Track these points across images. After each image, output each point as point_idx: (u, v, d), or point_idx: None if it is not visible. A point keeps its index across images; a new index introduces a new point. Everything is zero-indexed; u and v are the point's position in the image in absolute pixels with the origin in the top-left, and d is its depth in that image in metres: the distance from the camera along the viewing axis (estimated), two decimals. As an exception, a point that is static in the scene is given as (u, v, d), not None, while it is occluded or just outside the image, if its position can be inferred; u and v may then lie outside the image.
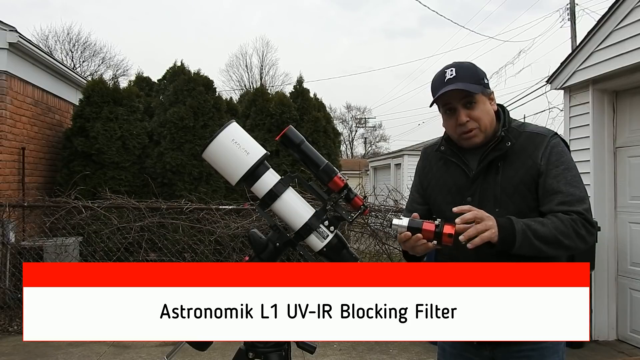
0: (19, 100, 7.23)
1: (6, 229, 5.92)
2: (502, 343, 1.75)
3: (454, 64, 1.82)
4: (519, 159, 1.78)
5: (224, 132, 1.73)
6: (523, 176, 1.76)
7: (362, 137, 45.22)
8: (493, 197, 1.79)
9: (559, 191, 1.71)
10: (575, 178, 1.74)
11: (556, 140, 1.78)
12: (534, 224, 1.66)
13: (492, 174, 1.80)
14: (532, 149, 1.76)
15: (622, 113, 5.31)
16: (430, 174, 1.97)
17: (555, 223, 1.66)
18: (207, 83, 8.27)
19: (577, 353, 4.86)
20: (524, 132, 1.81)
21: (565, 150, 1.78)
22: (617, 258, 5.27)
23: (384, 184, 10.86)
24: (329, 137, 8.50)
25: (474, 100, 1.77)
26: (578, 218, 1.68)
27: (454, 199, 1.83)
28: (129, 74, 29.46)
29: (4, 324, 5.55)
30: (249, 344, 1.78)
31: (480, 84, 1.78)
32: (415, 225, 1.66)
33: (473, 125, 1.79)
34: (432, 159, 1.98)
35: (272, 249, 1.79)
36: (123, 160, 7.70)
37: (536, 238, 1.64)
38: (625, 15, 4.75)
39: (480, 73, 1.81)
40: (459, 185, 1.86)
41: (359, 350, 4.97)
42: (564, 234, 1.66)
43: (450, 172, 1.90)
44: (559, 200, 1.71)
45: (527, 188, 1.75)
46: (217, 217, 6.17)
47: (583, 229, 1.68)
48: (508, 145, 1.77)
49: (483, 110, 1.79)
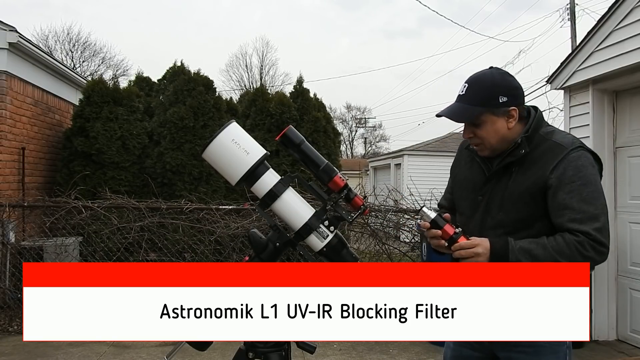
0: (19, 100, 7.23)
1: (6, 229, 5.92)
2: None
3: (472, 78, 1.79)
4: (533, 167, 1.75)
5: (224, 132, 1.73)
6: (530, 185, 1.74)
7: (362, 137, 45.20)
8: (500, 200, 1.79)
9: (570, 207, 1.68)
10: (592, 194, 1.68)
11: (577, 153, 1.71)
12: (534, 247, 1.66)
13: (505, 177, 1.80)
14: (547, 160, 1.73)
15: (622, 113, 5.31)
16: (458, 168, 2.02)
17: (560, 246, 1.65)
18: (207, 83, 8.26)
19: (577, 353, 4.86)
20: (548, 141, 1.77)
21: (585, 164, 1.71)
22: (617, 258, 5.27)
23: (384, 184, 10.85)
24: (329, 137, 8.50)
25: (478, 121, 1.76)
26: (585, 239, 1.64)
27: (468, 196, 1.89)
28: (129, 74, 29.45)
29: (4, 324, 5.55)
30: (249, 344, 1.78)
31: (488, 105, 1.74)
32: (438, 222, 1.73)
33: (476, 142, 1.81)
34: (464, 154, 1.99)
35: (272, 249, 1.79)
36: (123, 160, 7.70)
37: (532, 259, 1.65)
38: (625, 15, 4.75)
39: (499, 90, 1.74)
40: (475, 183, 1.88)
41: (359, 350, 4.97)
42: (565, 256, 1.64)
43: (473, 169, 1.92)
44: (569, 217, 1.68)
45: (532, 197, 1.73)
46: (217, 217, 6.17)
47: (591, 250, 1.65)
48: (522, 152, 1.75)
49: (489, 130, 1.76)
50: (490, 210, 1.79)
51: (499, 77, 1.78)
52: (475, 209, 1.86)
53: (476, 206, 1.86)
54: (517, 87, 1.80)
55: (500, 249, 1.68)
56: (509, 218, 1.76)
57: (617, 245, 5.27)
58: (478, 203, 1.84)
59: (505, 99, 1.75)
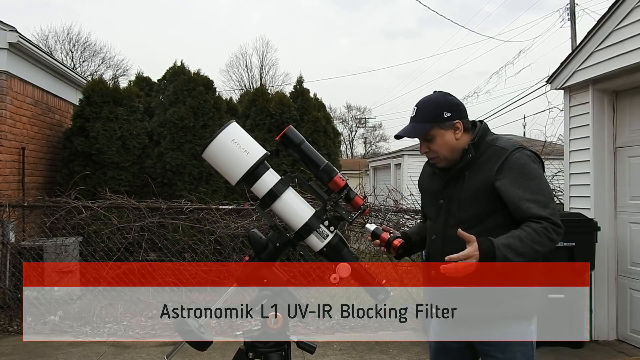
0: (19, 100, 7.23)
1: (6, 229, 5.92)
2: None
3: (419, 102, 2.11)
4: (482, 170, 2.01)
5: (224, 132, 1.73)
6: (481, 185, 1.99)
7: (362, 137, 45.19)
8: (457, 201, 2.05)
9: (525, 199, 1.93)
10: (539, 185, 1.96)
11: (519, 154, 1.99)
12: (513, 241, 1.87)
13: (460, 181, 2.06)
14: (493, 162, 1.99)
15: (622, 113, 5.31)
16: (423, 182, 2.31)
17: (531, 235, 1.88)
18: (207, 83, 8.26)
19: (577, 353, 4.86)
20: (493, 146, 2.05)
21: (527, 161, 1.98)
22: (617, 258, 5.27)
23: (384, 184, 10.85)
24: (329, 137, 8.49)
25: (429, 136, 2.05)
26: (548, 225, 1.90)
27: (433, 202, 2.17)
28: (129, 74, 29.43)
29: (4, 324, 5.54)
30: (249, 344, 1.78)
31: (435, 121, 2.03)
32: (377, 232, 2.05)
33: (432, 155, 2.10)
34: (427, 169, 2.30)
35: (272, 249, 1.79)
36: (123, 160, 7.70)
37: (516, 255, 1.86)
38: (625, 15, 4.74)
39: (443, 107, 2.05)
40: (437, 190, 2.15)
41: (359, 350, 4.97)
42: (539, 243, 1.88)
43: (434, 180, 2.21)
44: (527, 206, 1.92)
45: (485, 195, 1.99)
46: (217, 217, 6.16)
47: (553, 233, 1.90)
48: (470, 156, 2.03)
49: (441, 143, 2.05)
50: (450, 210, 2.06)
51: (442, 97, 2.10)
52: (439, 212, 2.11)
53: (439, 209, 2.12)
54: (458, 104, 2.10)
55: (487, 248, 1.84)
56: (467, 215, 2.01)
57: (617, 245, 5.27)
58: (440, 206, 2.10)
59: (449, 114, 2.05)
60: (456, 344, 2.13)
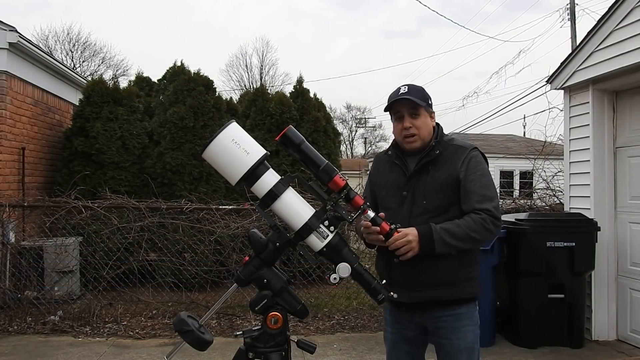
0: (19, 100, 7.23)
1: (6, 229, 5.91)
2: (429, 309, 2.19)
3: (408, 84, 2.30)
4: (444, 165, 2.22)
5: (224, 132, 1.73)
6: (446, 178, 2.19)
7: (362, 137, 45.16)
8: (423, 192, 2.21)
9: (474, 192, 2.16)
10: (487, 183, 2.20)
11: (474, 152, 2.25)
12: (451, 226, 2.10)
13: (424, 175, 2.23)
14: (456, 158, 2.22)
15: (622, 113, 5.31)
16: (378, 173, 2.42)
17: (469, 223, 2.11)
18: (207, 83, 8.26)
19: (577, 353, 4.86)
20: (451, 145, 2.26)
21: (481, 160, 2.24)
22: (617, 258, 5.26)
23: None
24: (329, 137, 8.50)
25: (418, 112, 2.23)
26: (487, 216, 2.12)
27: (394, 193, 2.28)
28: (129, 74, 29.38)
29: (4, 324, 5.54)
30: (249, 344, 1.78)
31: (424, 101, 2.23)
32: (376, 221, 2.01)
33: (414, 132, 2.23)
34: (381, 161, 2.43)
35: (272, 249, 1.79)
36: (123, 160, 7.70)
37: (453, 238, 2.08)
38: (625, 15, 4.74)
39: (427, 95, 2.28)
40: (398, 182, 2.28)
41: (359, 350, 4.96)
42: (475, 231, 2.11)
43: (393, 172, 2.33)
44: (474, 199, 2.15)
45: (449, 187, 2.19)
46: (217, 217, 6.16)
47: (491, 224, 2.13)
48: (437, 153, 2.23)
49: (424, 122, 2.24)
50: (415, 200, 2.21)
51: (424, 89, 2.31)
52: (402, 202, 2.25)
53: (402, 200, 2.25)
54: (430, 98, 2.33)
55: (426, 232, 2.07)
56: (432, 205, 2.18)
57: (617, 245, 5.27)
58: (404, 197, 2.24)
59: (431, 102, 2.28)
60: (411, 332, 2.29)
